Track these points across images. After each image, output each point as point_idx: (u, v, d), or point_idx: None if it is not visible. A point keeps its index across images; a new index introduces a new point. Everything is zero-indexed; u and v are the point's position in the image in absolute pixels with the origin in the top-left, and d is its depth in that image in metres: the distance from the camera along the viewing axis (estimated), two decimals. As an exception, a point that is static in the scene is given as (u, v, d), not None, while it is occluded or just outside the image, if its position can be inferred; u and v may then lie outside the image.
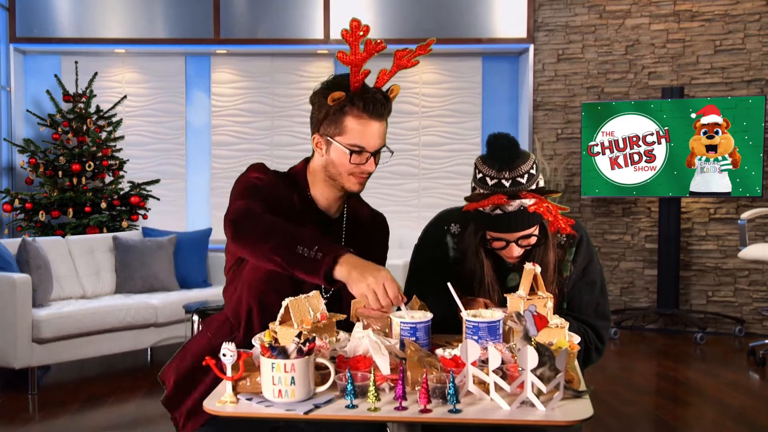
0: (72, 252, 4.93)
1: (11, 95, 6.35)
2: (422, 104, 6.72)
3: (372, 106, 1.84)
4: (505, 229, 1.89)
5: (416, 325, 1.66)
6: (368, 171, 1.90)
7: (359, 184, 1.92)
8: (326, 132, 1.89)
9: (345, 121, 1.85)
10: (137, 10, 6.38)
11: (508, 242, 1.92)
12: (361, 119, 1.85)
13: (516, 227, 1.88)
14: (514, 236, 1.90)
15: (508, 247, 1.92)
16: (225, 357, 1.48)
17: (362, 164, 1.88)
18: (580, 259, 2.02)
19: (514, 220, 1.86)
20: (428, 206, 6.69)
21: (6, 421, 3.78)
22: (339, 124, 1.86)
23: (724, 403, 4.14)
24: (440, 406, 1.42)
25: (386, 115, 1.89)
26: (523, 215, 1.86)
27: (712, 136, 5.64)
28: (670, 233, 5.85)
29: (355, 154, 1.86)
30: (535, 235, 1.93)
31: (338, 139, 1.87)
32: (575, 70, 6.23)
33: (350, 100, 1.84)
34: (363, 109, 1.84)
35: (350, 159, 1.86)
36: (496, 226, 1.89)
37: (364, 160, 1.88)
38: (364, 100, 1.83)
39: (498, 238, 1.92)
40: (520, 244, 1.91)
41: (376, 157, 1.90)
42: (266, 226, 1.70)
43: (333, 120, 1.87)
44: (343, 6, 6.35)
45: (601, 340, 2.02)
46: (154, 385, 4.37)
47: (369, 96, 1.84)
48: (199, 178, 6.77)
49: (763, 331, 5.80)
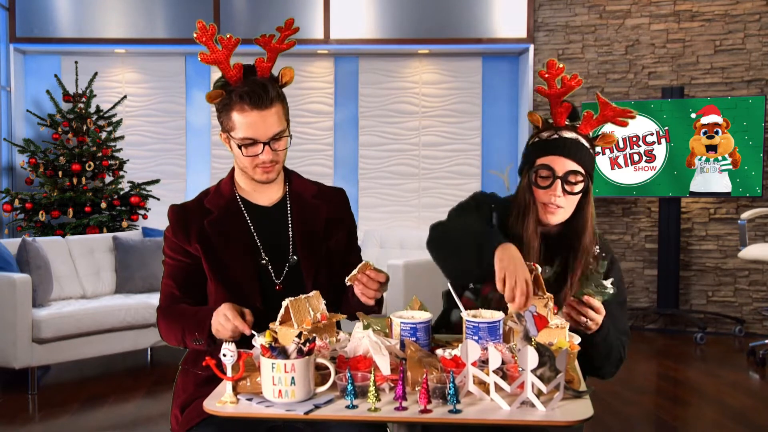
0: (72, 252, 4.93)
1: (11, 95, 6.35)
2: (422, 104, 6.72)
3: (249, 97, 1.84)
4: (558, 152, 1.90)
5: (416, 325, 1.66)
6: (268, 160, 1.89)
7: (266, 174, 1.92)
8: (225, 129, 1.92)
9: (232, 116, 1.87)
10: (137, 10, 6.38)
11: (555, 178, 1.89)
12: (243, 111, 1.85)
13: (569, 153, 1.89)
14: (563, 166, 1.89)
15: (553, 185, 1.89)
16: (225, 357, 1.48)
17: (258, 154, 1.88)
18: (614, 276, 2.01)
19: (568, 146, 1.90)
20: (428, 206, 6.69)
21: (6, 421, 3.78)
22: (229, 120, 1.88)
23: (724, 403, 4.14)
24: (440, 406, 1.42)
25: (272, 103, 1.86)
26: (578, 146, 1.91)
27: (712, 136, 5.64)
28: (670, 233, 5.85)
29: (247, 147, 1.88)
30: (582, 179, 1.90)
31: (232, 133, 1.89)
32: (575, 70, 6.23)
33: (229, 95, 1.86)
34: (242, 101, 1.84)
35: (243, 152, 1.88)
36: (550, 148, 1.91)
37: (259, 150, 1.88)
38: (241, 92, 1.84)
39: (547, 167, 1.90)
40: (566, 187, 1.89)
41: (274, 144, 1.89)
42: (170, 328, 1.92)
43: (225, 117, 1.89)
44: (343, 6, 6.35)
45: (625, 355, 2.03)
46: (154, 385, 4.38)
47: (246, 88, 1.84)
48: (199, 178, 6.76)
49: (763, 331, 5.80)
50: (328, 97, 6.70)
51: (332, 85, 6.71)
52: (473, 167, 6.69)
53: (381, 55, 6.63)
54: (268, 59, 1.90)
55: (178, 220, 1.98)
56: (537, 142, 1.96)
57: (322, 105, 6.68)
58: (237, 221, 1.98)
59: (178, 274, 1.97)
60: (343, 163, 6.76)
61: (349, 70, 6.73)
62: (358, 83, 6.71)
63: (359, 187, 6.69)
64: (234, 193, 2.01)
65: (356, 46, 6.46)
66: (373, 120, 6.71)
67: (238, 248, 1.94)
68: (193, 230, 1.95)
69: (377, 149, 6.72)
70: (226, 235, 1.95)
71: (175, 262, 1.98)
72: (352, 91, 6.74)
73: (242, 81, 1.86)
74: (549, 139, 1.93)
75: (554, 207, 1.91)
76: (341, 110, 6.75)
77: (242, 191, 2.02)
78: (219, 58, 1.86)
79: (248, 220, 1.98)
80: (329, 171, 6.67)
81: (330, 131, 6.71)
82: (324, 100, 6.69)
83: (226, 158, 6.69)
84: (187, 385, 1.94)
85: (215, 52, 1.86)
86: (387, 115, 6.71)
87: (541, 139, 1.95)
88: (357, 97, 6.73)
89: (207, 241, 1.94)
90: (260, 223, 1.99)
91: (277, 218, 2.00)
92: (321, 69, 6.64)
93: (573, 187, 1.90)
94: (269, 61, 1.90)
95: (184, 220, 1.98)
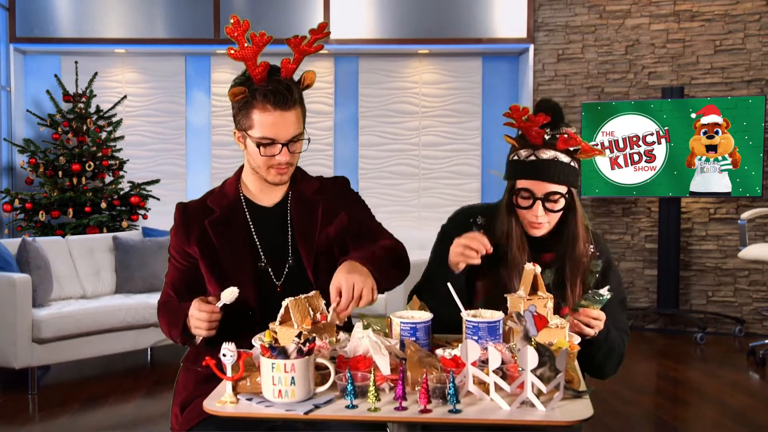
0: (72, 252, 4.93)
1: (11, 95, 6.35)
2: (422, 104, 6.72)
3: (273, 96, 1.84)
4: (536, 176, 1.89)
5: (416, 325, 1.66)
6: (284, 162, 1.89)
7: (279, 175, 1.92)
8: (241, 127, 1.91)
9: (252, 115, 1.87)
10: (137, 10, 6.38)
11: (535, 200, 1.90)
12: (265, 111, 1.85)
13: (547, 176, 1.88)
14: (542, 189, 1.89)
15: (533, 206, 1.90)
16: (225, 357, 1.48)
17: (275, 155, 1.88)
18: (610, 276, 2.02)
19: (546, 168, 1.87)
20: (428, 206, 6.69)
21: (6, 421, 3.78)
22: (248, 118, 1.88)
23: (724, 403, 4.14)
24: (440, 406, 1.42)
25: (294, 104, 1.87)
26: (556, 167, 1.88)
27: (712, 136, 5.64)
28: (670, 233, 5.85)
29: (265, 147, 1.87)
30: (564, 198, 1.91)
31: (250, 132, 1.88)
32: (575, 70, 6.23)
33: (252, 94, 1.86)
34: (265, 100, 1.84)
35: (261, 151, 1.87)
36: (528, 172, 1.90)
37: (277, 151, 1.88)
38: (265, 91, 1.84)
39: (527, 190, 1.91)
40: (547, 206, 1.90)
41: (291, 146, 1.89)
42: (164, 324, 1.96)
43: (244, 115, 1.89)
44: (343, 6, 6.35)
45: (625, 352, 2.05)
46: (154, 385, 4.38)
47: (271, 87, 1.85)
48: (199, 178, 6.77)
49: (763, 331, 5.80)
50: (328, 97, 6.70)
51: (332, 85, 6.71)
52: (473, 167, 6.69)
53: (381, 55, 6.63)
54: (294, 60, 1.90)
55: (180, 220, 1.99)
56: (516, 161, 1.94)
57: (322, 105, 6.68)
58: (238, 221, 1.98)
59: (177, 275, 2.00)
60: (343, 163, 6.76)
61: (349, 70, 6.73)
62: (358, 83, 6.72)
63: (359, 188, 6.69)
64: (239, 193, 2.01)
65: (356, 46, 6.47)
66: (373, 120, 6.71)
67: (238, 248, 1.94)
68: (194, 230, 1.96)
69: (377, 149, 6.72)
70: (226, 235, 1.95)
71: (176, 263, 2.00)
72: (352, 91, 6.74)
73: (266, 80, 1.86)
74: (527, 161, 1.90)
75: (537, 223, 1.94)
76: (341, 110, 6.75)
77: (247, 191, 2.01)
78: (247, 55, 1.85)
79: (249, 221, 1.98)
80: (329, 171, 6.67)
81: (330, 131, 6.71)
82: (324, 100, 6.69)
83: (226, 158, 6.69)
84: (188, 382, 1.94)
85: (244, 49, 1.84)
86: (387, 115, 6.71)
87: (520, 158, 1.93)
88: (357, 97, 6.73)
89: (207, 241, 1.95)
90: (262, 224, 1.98)
91: (278, 219, 2.00)
92: (321, 69, 6.63)
93: (554, 205, 1.92)
94: (295, 63, 1.90)
95: (186, 219, 1.98)
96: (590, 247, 2.02)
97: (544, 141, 1.90)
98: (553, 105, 1.93)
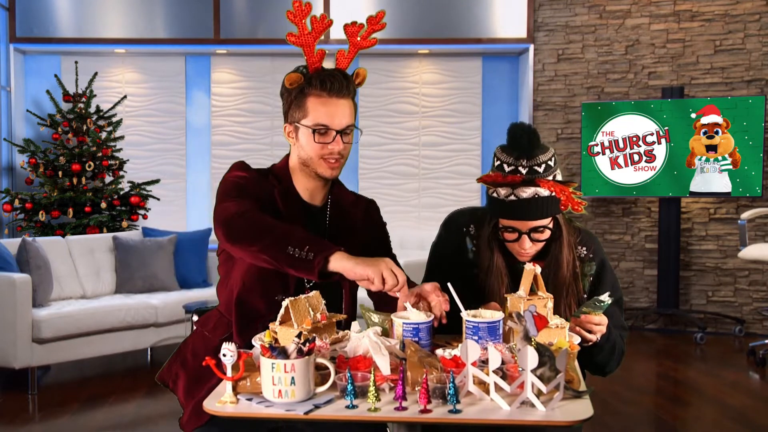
0: (72, 252, 4.93)
1: (11, 95, 6.35)
2: (422, 104, 6.72)
3: (330, 83, 1.84)
4: (518, 216, 1.87)
5: (418, 325, 1.66)
6: (337, 151, 1.87)
7: (331, 168, 1.89)
8: (293, 118, 1.90)
9: (307, 103, 1.86)
10: (137, 10, 6.38)
11: (521, 234, 1.89)
12: (321, 98, 1.85)
13: (529, 215, 1.86)
14: (526, 225, 1.88)
15: (520, 240, 1.90)
16: (225, 357, 1.48)
17: (328, 143, 1.86)
18: (605, 278, 2.02)
19: (527, 208, 1.85)
20: (428, 206, 6.69)
21: (6, 421, 3.78)
22: (302, 106, 1.87)
23: (724, 403, 4.14)
24: (440, 406, 1.42)
25: (349, 94, 1.88)
26: (537, 204, 1.85)
27: (712, 136, 5.63)
28: (670, 233, 5.85)
29: (320, 134, 1.86)
30: (549, 229, 1.91)
31: (303, 121, 1.87)
32: (575, 70, 6.23)
33: (308, 81, 1.85)
34: (321, 87, 1.85)
35: (315, 138, 1.85)
36: (509, 212, 1.87)
37: (330, 139, 1.86)
38: (321, 77, 1.84)
39: (510, 227, 1.90)
40: (532, 237, 1.89)
41: (344, 137, 1.88)
42: (257, 226, 1.72)
43: (297, 104, 1.88)
44: (343, 6, 6.35)
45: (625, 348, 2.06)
46: (154, 385, 4.36)
47: (327, 73, 1.85)
48: (199, 178, 6.77)
49: (763, 331, 5.80)
50: (328, 97, 6.69)
51: (332, 85, 6.70)
52: (473, 167, 6.68)
53: (381, 55, 6.62)
54: (349, 53, 1.89)
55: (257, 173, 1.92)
56: (496, 200, 1.89)
57: (322, 105, 6.68)
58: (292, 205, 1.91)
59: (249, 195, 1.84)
60: (343, 163, 6.75)
61: (349, 70, 6.72)
62: (358, 83, 6.71)
63: (359, 188, 6.69)
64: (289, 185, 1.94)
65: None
66: (373, 120, 6.70)
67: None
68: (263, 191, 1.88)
69: (377, 149, 6.72)
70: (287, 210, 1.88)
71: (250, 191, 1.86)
72: (352, 91, 6.73)
73: (321, 68, 1.86)
74: (507, 200, 1.86)
75: (526, 253, 1.93)
76: (341, 110, 6.74)
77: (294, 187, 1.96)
78: (308, 41, 1.84)
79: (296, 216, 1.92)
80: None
81: (330, 131, 6.70)
82: (324, 100, 6.68)
83: (226, 158, 6.68)
84: (198, 349, 1.91)
85: (304, 35, 1.83)
86: (387, 115, 6.71)
87: (499, 197, 1.88)
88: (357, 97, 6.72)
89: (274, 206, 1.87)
90: (305, 219, 1.93)
91: (318, 218, 1.97)
92: (321, 69, 6.62)
93: (540, 235, 1.91)
94: (350, 55, 1.90)
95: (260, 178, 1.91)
96: (582, 249, 2.01)
97: (524, 178, 1.85)
98: (527, 130, 1.88)
